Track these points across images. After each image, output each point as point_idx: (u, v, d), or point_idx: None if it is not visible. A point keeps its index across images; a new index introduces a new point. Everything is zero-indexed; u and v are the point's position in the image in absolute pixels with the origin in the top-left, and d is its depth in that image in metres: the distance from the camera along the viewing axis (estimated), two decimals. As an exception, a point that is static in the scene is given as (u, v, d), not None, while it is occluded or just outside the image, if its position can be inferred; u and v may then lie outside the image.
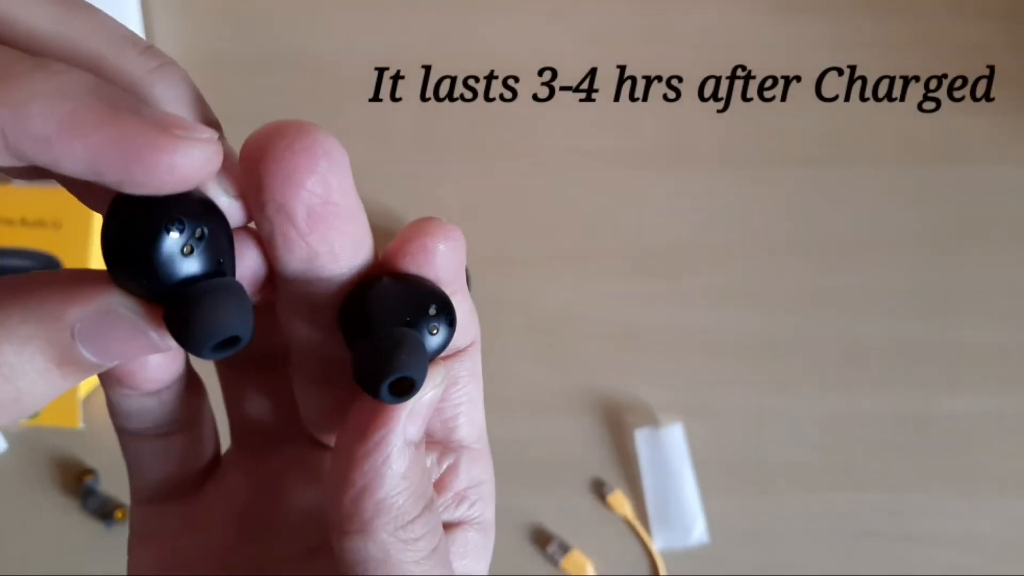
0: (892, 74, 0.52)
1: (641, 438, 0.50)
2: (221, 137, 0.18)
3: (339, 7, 0.53)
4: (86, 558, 0.50)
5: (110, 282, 0.16)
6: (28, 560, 0.50)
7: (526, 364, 0.51)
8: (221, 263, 0.17)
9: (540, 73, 0.52)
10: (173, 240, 0.16)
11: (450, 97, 0.52)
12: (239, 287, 0.17)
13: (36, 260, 0.46)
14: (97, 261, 0.46)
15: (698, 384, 0.51)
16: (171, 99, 0.17)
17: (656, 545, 0.50)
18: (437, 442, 0.21)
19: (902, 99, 0.52)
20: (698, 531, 0.49)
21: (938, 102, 0.52)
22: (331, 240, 0.18)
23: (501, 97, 0.52)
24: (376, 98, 0.52)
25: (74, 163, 0.15)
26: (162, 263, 0.16)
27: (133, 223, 0.16)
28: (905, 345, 0.51)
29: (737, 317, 0.51)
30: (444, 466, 0.21)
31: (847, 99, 0.52)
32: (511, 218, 0.51)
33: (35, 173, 0.17)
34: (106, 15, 0.18)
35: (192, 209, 0.16)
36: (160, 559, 0.23)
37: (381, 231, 0.51)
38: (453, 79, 0.52)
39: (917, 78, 0.52)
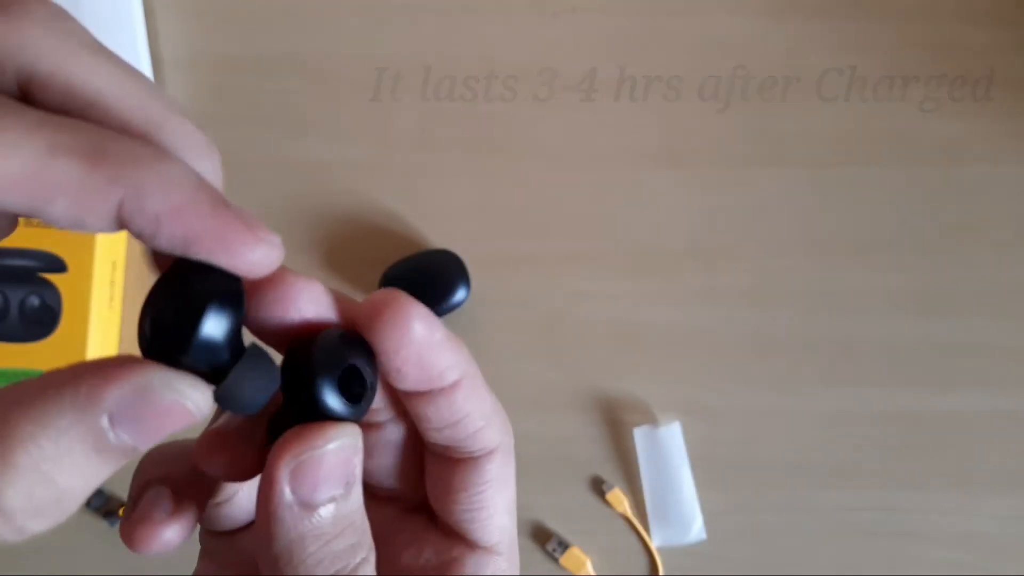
0: (891, 75, 0.52)
1: (640, 436, 0.50)
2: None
3: (340, 8, 0.53)
4: (89, 556, 0.50)
5: (143, 362, 0.17)
6: (29, 558, 0.50)
7: (525, 363, 0.51)
8: (239, 336, 0.18)
9: (540, 73, 0.52)
10: (214, 317, 0.17)
11: (450, 97, 0.52)
12: (267, 356, 0.19)
13: (40, 260, 0.46)
14: (102, 263, 0.47)
15: (696, 383, 0.51)
16: (207, 171, 0.19)
17: (654, 542, 0.50)
18: (450, 531, 0.22)
19: (902, 100, 0.52)
20: (696, 528, 0.50)
21: (937, 103, 0.52)
22: (429, 368, 0.20)
23: (501, 98, 0.52)
24: (377, 99, 0.52)
25: (171, 241, 0.17)
26: (197, 335, 0.17)
27: (182, 294, 0.17)
28: (902, 344, 0.51)
29: (735, 316, 0.51)
30: (447, 557, 0.22)
31: (847, 100, 0.52)
32: (510, 218, 0.52)
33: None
34: (158, 86, 0.20)
35: (233, 291, 0.18)
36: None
37: (381, 231, 0.51)
38: (453, 79, 0.52)
39: (916, 79, 0.52)
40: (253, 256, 0.17)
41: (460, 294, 0.49)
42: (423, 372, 0.20)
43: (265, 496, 0.18)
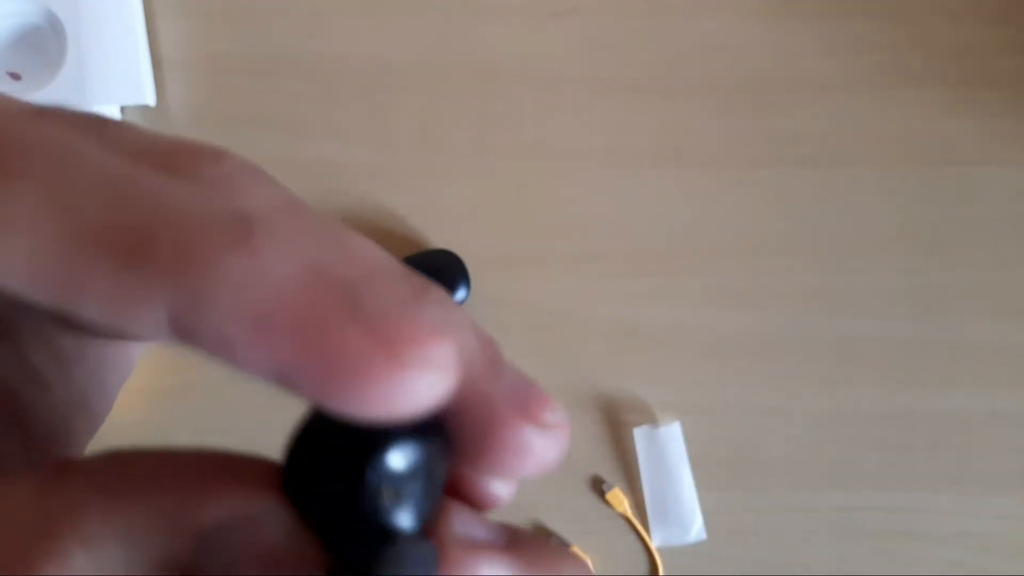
0: (885, 76, 0.52)
1: (639, 436, 0.50)
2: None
3: (340, 8, 0.53)
4: None
5: (270, 481, 0.13)
6: None
7: (525, 362, 0.50)
8: (427, 518, 0.13)
9: (540, 73, 0.52)
10: (381, 476, 0.12)
11: (451, 97, 0.52)
12: (433, 561, 0.13)
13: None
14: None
15: (696, 383, 0.51)
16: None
17: (654, 542, 0.50)
18: None
19: (896, 101, 0.52)
20: (696, 528, 0.50)
21: (931, 104, 0.52)
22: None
23: (501, 98, 0.52)
24: (377, 98, 0.52)
25: (256, 371, 0.11)
26: (361, 500, 0.12)
27: (341, 434, 0.12)
28: (900, 344, 0.51)
29: (735, 316, 0.51)
30: None
31: (841, 101, 0.52)
32: (510, 218, 0.52)
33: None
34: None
35: (417, 435, 0.13)
36: None
37: (381, 231, 0.51)
38: (454, 79, 0.52)
39: (910, 80, 0.52)
40: (397, 395, 0.11)
41: (460, 294, 0.49)
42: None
43: None
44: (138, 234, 0.11)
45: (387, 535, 0.12)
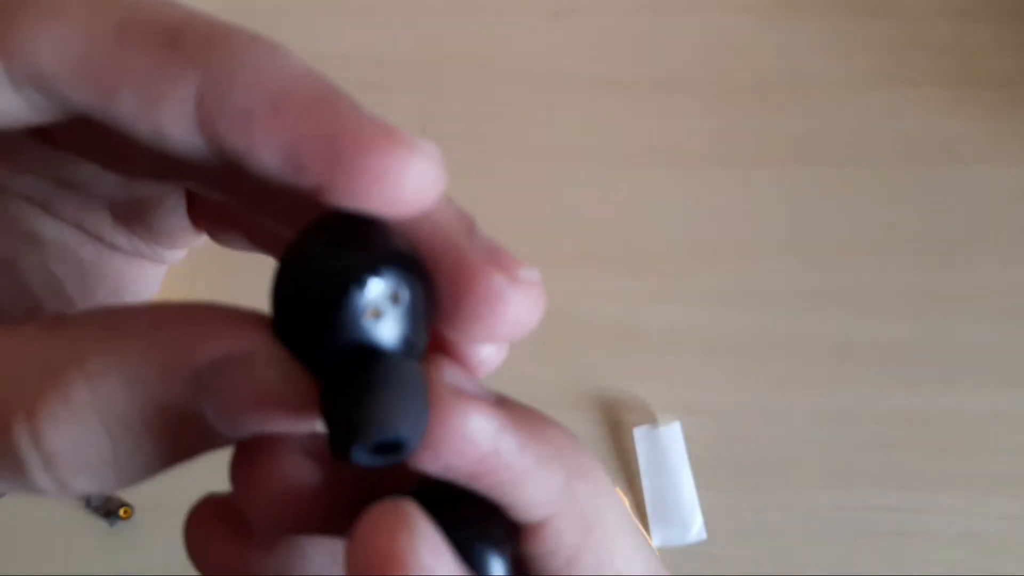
0: (887, 75, 0.52)
1: (639, 436, 0.50)
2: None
3: (336, 7, 0.53)
4: (88, 557, 0.49)
5: (261, 326, 0.13)
6: (28, 559, 0.50)
7: (524, 362, 0.50)
8: (412, 341, 0.13)
9: (539, 73, 0.52)
10: (365, 296, 0.13)
11: (449, 97, 0.52)
12: (421, 380, 0.13)
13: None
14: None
15: (696, 383, 0.51)
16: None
17: (654, 542, 0.50)
18: None
19: (897, 100, 0.52)
20: (696, 528, 0.49)
21: (933, 103, 0.52)
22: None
23: (501, 97, 0.52)
24: (373, 98, 0.52)
25: (270, 154, 0.12)
26: (341, 321, 0.12)
27: (321, 261, 0.13)
28: (901, 344, 0.51)
29: (735, 316, 0.51)
30: None
31: (842, 100, 0.52)
32: (510, 218, 0.51)
33: (227, 188, 0.15)
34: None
35: (397, 261, 0.13)
36: None
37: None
38: (452, 79, 0.52)
39: (912, 79, 0.52)
40: (400, 175, 0.12)
41: None
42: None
43: None
44: (175, 27, 0.13)
45: (372, 354, 0.13)
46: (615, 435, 0.50)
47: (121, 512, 0.49)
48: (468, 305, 0.14)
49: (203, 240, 0.19)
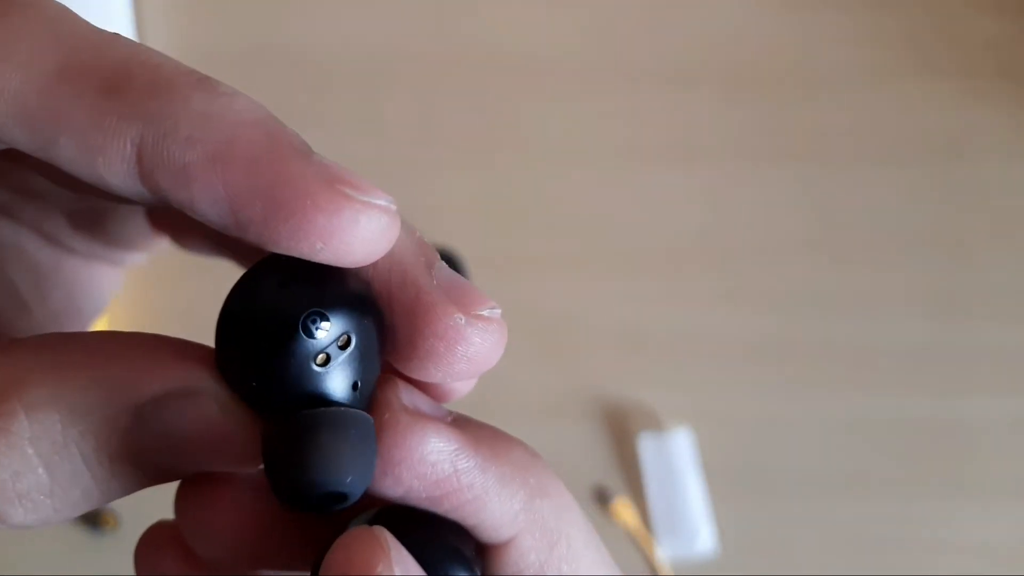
0: (905, 69, 0.52)
1: (645, 443, 0.49)
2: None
3: None
4: (73, 568, 0.49)
5: (207, 362, 0.13)
6: (14, 568, 0.49)
7: (526, 367, 0.50)
8: (358, 386, 0.13)
9: (544, 66, 0.51)
10: (313, 340, 0.12)
11: (449, 90, 0.51)
12: (369, 428, 0.13)
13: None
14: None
15: (704, 388, 0.50)
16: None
17: (660, 553, 0.49)
18: None
19: (916, 94, 0.51)
20: (704, 539, 0.48)
21: (953, 97, 0.51)
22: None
23: (503, 90, 0.51)
24: (371, 91, 0.51)
25: (210, 209, 0.12)
26: (286, 365, 0.12)
27: (267, 303, 0.12)
28: (919, 348, 0.50)
29: (744, 319, 0.50)
30: None
31: (860, 94, 0.51)
32: (512, 215, 0.51)
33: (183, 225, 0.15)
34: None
35: (347, 302, 0.13)
36: None
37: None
38: (452, 72, 0.51)
39: (931, 73, 0.51)
40: (345, 233, 0.12)
41: None
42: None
43: None
44: (117, 72, 0.12)
45: (318, 401, 0.12)
46: (620, 442, 0.50)
47: (108, 521, 0.49)
48: (424, 344, 0.13)
49: (164, 244, 0.19)
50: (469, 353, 0.14)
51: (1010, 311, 0.50)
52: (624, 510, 0.49)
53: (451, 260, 0.49)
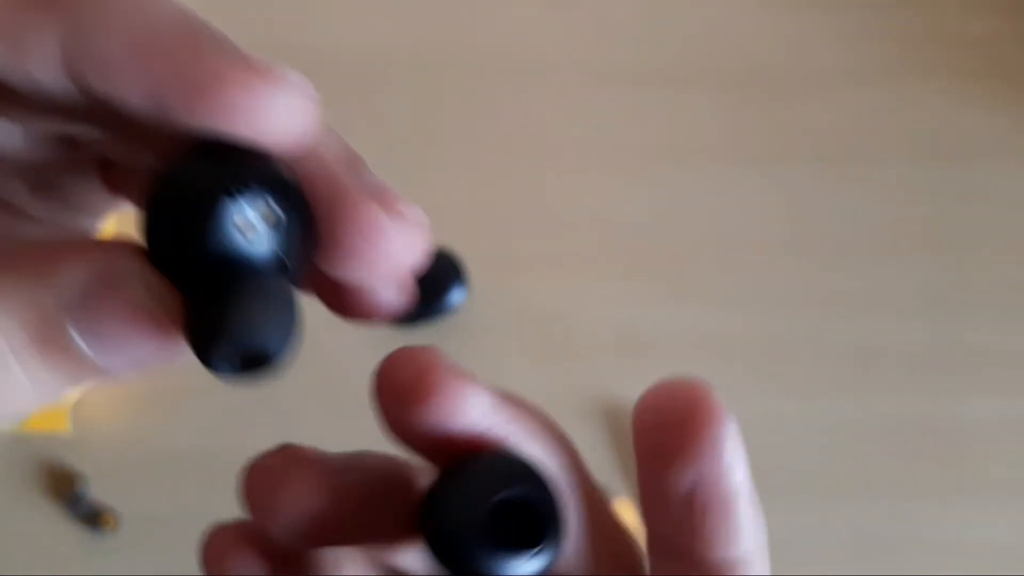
0: (903, 69, 0.52)
1: (645, 443, 0.49)
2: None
3: None
4: (73, 568, 0.49)
5: (131, 248, 0.13)
6: (13, 569, 0.49)
7: (526, 366, 0.50)
8: (284, 261, 0.13)
9: (544, 66, 0.52)
10: (234, 210, 0.13)
11: (449, 89, 0.51)
12: (290, 296, 0.13)
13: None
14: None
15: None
16: None
17: (661, 554, 0.49)
18: None
19: (911, 94, 0.52)
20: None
21: (947, 97, 0.51)
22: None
23: (501, 90, 0.51)
24: (370, 90, 0.51)
25: (134, 96, 0.13)
26: (210, 233, 0.12)
27: (192, 177, 0.13)
28: (916, 349, 0.50)
29: (744, 320, 0.50)
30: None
31: (855, 94, 0.52)
32: (510, 215, 0.51)
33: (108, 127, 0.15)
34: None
35: (273, 184, 0.13)
36: None
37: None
38: (452, 71, 0.52)
39: (929, 73, 0.52)
40: (261, 108, 0.13)
41: (457, 296, 0.49)
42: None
43: None
44: None
45: (240, 268, 0.13)
46: (620, 442, 0.50)
47: (108, 521, 0.49)
48: (346, 238, 0.14)
49: (121, 206, 0.19)
50: (388, 248, 0.14)
51: (1007, 313, 0.50)
52: (624, 510, 0.49)
53: (451, 260, 0.49)
